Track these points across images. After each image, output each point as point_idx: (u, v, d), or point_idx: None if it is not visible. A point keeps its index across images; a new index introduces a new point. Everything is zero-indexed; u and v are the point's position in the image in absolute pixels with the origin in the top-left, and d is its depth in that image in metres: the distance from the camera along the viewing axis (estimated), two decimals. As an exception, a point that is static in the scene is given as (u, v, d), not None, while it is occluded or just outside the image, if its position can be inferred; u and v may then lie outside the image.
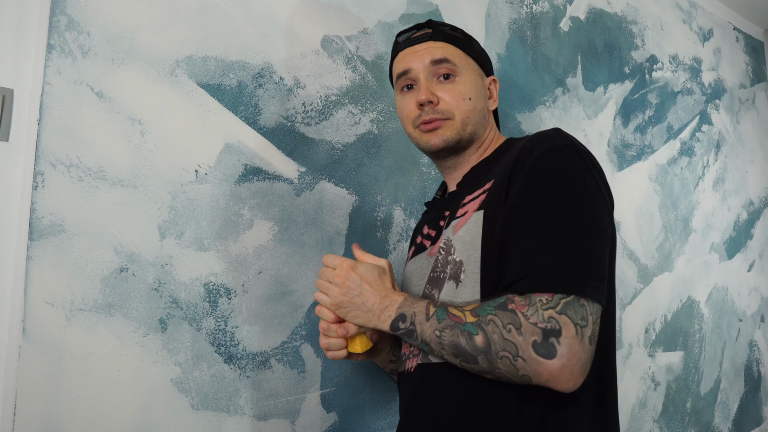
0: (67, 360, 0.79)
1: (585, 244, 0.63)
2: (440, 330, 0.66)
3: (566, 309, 0.59)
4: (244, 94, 1.00)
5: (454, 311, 0.67)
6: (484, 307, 0.64)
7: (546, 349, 0.58)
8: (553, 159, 0.68)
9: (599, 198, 0.68)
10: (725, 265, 2.19)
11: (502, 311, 0.61)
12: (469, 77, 0.84)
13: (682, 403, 1.88)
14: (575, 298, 0.59)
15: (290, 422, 0.99)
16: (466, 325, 0.64)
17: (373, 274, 0.76)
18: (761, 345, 2.35)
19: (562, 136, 0.71)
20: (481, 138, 0.87)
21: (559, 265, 0.61)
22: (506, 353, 0.60)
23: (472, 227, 0.72)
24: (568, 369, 0.58)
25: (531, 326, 0.59)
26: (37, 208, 0.79)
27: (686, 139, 2.10)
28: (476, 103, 0.84)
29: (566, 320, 0.58)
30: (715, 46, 2.35)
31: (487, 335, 0.62)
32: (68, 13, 0.84)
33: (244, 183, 0.98)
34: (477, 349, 0.62)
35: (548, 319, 0.58)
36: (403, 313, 0.72)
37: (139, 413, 0.84)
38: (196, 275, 0.91)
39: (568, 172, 0.67)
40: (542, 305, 0.59)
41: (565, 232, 0.63)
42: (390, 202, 1.18)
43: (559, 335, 0.58)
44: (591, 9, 1.76)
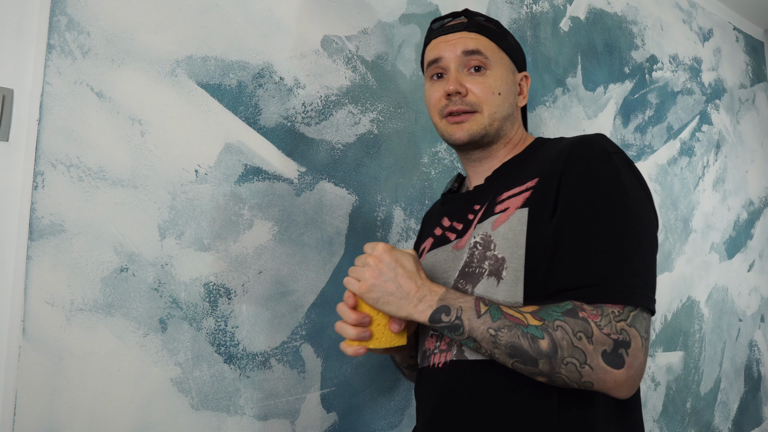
0: (67, 360, 0.79)
1: (645, 255, 0.65)
2: (496, 329, 0.64)
3: (635, 322, 0.61)
4: (244, 94, 1.00)
5: (511, 312, 0.65)
6: (548, 311, 0.63)
7: (615, 359, 0.60)
8: (608, 165, 0.68)
9: (649, 205, 0.69)
10: (725, 265, 2.19)
11: (573, 318, 0.62)
12: (500, 71, 0.82)
13: (682, 403, 1.88)
14: (641, 311, 0.62)
15: (290, 422, 0.99)
16: (529, 328, 0.63)
17: (410, 261, 0.73)
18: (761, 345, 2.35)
19: (611, 143, 0.71)
20: (508, 134, 0.85)
21: (627, 277, 0.62)
22: (573, 360, 0.61)
23: (516, 224, 0.71)
24: (632, 379, 0.61)
25: (604, 336, 0.60)
26: (37, 208, 0.79)
27: (686, 139, 2.10)
28: (505, 99, 0.82)
29: (635, 333, 0.61)
30: (715, 46, 2.35)
31: (554, 340, 0.61)
32: (68, 13, 0.84)
33: (244, 183, 0.98)
34: (541, 353, 0.62)
35: (620, 331, 0.60)
36: (447, 305, 0.68)
37: (139, 413, 0.84)
38: (196, 275, 0.91)
39: (625, 180, 0.68)
40: (615, 317, 0.61)
41: (628, 241, 0.64)
42: (390, 202, 1.18)
43: (629, 347, 0.60)
44: (591, 9, 1.76)
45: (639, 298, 0.62)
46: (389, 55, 1.22)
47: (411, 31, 1.27)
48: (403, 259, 0.72)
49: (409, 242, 1.21)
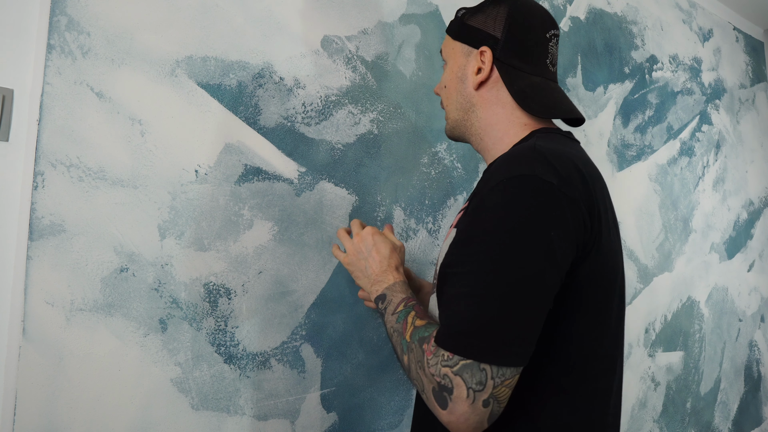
0: (67, 360, 0.79)
1: (504, 306, 0.59)
2: (393, 330, 0.72)
3: (462, 371, 0.58)
4: (244, 94, 1.00)
5: (408, 319, 0.71)
6: (417, 332, 0.67)
7: (440, 400, 0.60)
8: (497, 196, 0.62)
9: (540, 247, 0.60)
10: (725, 265, 2.19)
11: (419, 347, 0.65)
12: (450, 64, 0.83)
13: (682, 403, 1.88)
14: (474, 362, 0.57)
15: (290, 422, 0.99)
16: (403, 341, 0.69)
17: (386, 247, 0.85)
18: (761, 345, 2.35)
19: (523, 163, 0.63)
20: (476, 124, 0.80)
21: (467, 327, 0.59)
22: (417, 384, 0.65)
23: (448, 242, 0.72)
24: (455, 425, 0.59)
25: (430, 375, 0.61)
26: (37, 208, 0.79)
27: (686, 139, 2.10)
28: (452, 90, 0.83)
29: (459, 382, 0.58)
30: (715, 46, 2.35)
31: (409, 360, 0.66)
32: (68, 13, 0.84)
33: (244, 183, 0.98)
34: (403, 366, 0.69)
35: (443, 376, 0.59)
36: (384, 294, 0.79)
37: (139, 413, 0.84)
38: (196, 275, 0.91)
39: (508, 215, 0.61)
40: (442, 360, 0.59)
41: (481, 287, 0.60)
42: (390, 202, 1.18)
43: (451, 393, 0.58)
44: (591, 9, 1.76)
45: (473, 350, 0.58)
46: (389, 55, 1.22)
47: (411, 31, 1.27)
48: (380, 245, 0.85)
49: (410, 242, 1.21)
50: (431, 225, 1.25)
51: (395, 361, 1.15)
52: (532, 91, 0.77)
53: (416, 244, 1.21)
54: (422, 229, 1.23)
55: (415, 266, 1.21)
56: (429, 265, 1.23)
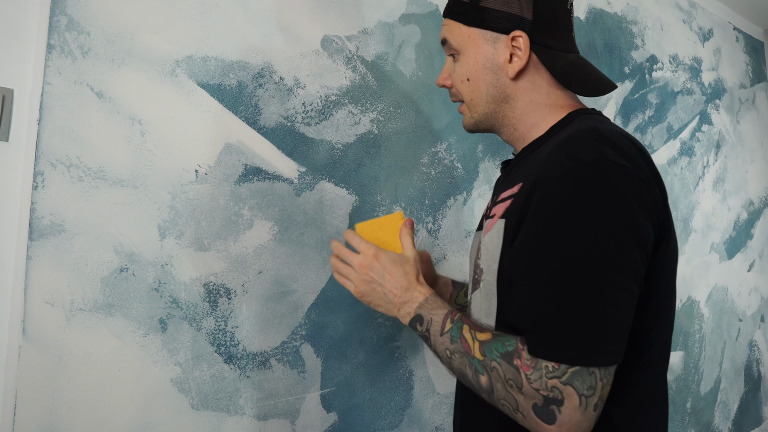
0: (67, 360, 0.79)
1: (601, 302, 0.55)
2: (451, 352, 0.65)
3: (573, 379, 0.55)
4: (244, 94, 1.00)
5: (467, 335, 0.65)
6: (492, 347, 0.61)
7: (545, 415, 0.55)
8: (569, 186, 0.57)
9: (626, 234, 0.56)
10: (725, 265, 2.19)
11: (507, 364, 0.59)
12: (468, 54, 0.74)
13: (682, 403, 1.88)
14: (583, 368, 0.55)
15: (290, 422, 0.99)
16: (474, 360, 0.62)
17: (396, 265, 0.75)
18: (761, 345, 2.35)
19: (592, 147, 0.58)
20: (510, 115, 0.74)
21: (571, 332, 0.55)
22: (507, 403, 0.59)
23: (495, 236, 0.66)
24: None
25: (533, 391, 0.56)
26: (37, 208, 0.79)
27: (686, 139, 2.10)
28: (478, 82, 0.73)
29: (571, 391, 0.55)
30: (715, 46, 2.35)
31: (491, 380, 0.60)
32: (68, 13, 0.84)
33: (244, 183, 0.98)
34: (481, 388, 0.62)
35: (551, 389, 0.55)
36: (421, 315, 0.71)
37: (139, 413, 0.84)
38: (196, 275, 0.91)
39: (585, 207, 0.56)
40: (547, 373, 0.55)
41: (578, 286, 0.55)
42: (390, 202, 1.18)
43: (561, 404, 0.55)
44: (591, 9, 1.76)
45: (579, 355, 0.55)
46: (389, 55, 1.22)
47: (411, 31, 1.27)
48: (390, 265, 0.75)
49: (409, 242, 1.21)
50: (431, 225, 1.25)
51: (395, 361, 1.15)
52: (573, 69, 0.72)
53: (416, 244, 1.21)
54: (422, 229, 1.23)
55: (415, 266, 1.21)
56: (429, 265, 1.23)
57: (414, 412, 1.17)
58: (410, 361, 1.18)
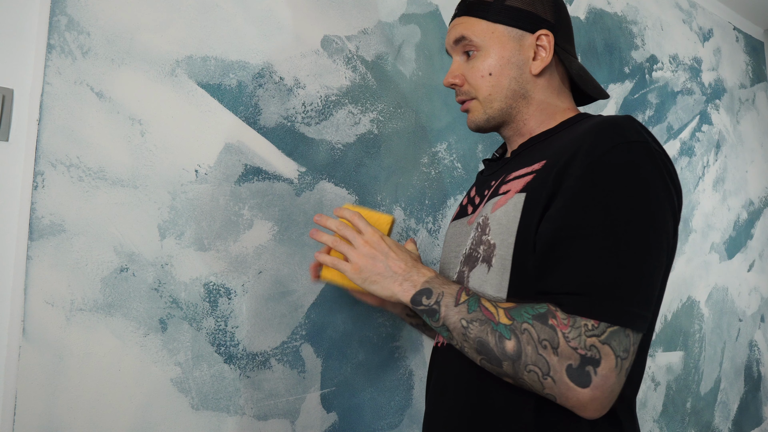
0: (67, 360, 0.79)
1: (643, 268, 0.58)
2: (468, 320, 0.62)
3: (611, 339, 0.55)
4: (244, 94, 1.00)
5: (487, 305, 0.63)
6: (520, 311, 0.60)
7: (580, 377, 0.55)
8: (621, 158, 0.60)
9: (666, 209, 0.61)
10: (725, 265, 2.19)
11: (541, 324, 0.58)
12: (491, 50, 0.76)
13: (682, 403, 1.88)
14: (622, 328, 0.56)
15: (290, 422, 0.99)
16: (499, 326, 0.60)
17: (401, 249, 0.73)
18: (761, 345, 2.35)
19: (635, 130, 0.62)
20: (524, 110, 0.78)
21: (612, 291, 0.56)
22: (536, 368, 0.57)
23: (511, 210, 0.67)
24: (599, 400, 0.55)
25: (570, 350, 0.55)
26: (37, 208, 0.79)
27: (686, 139, 2.10)
28: (500, 76, 0.76)
29: (608, 351, 0.55)
30: (715, 46, 2.35)
31: (520, 344, 0.58)
32: (68, 13, 0.84)
33: (244, 183, 0.98)
34: (505, 354, 0.59)
35: (590, 347, 0.55)
36: (429, 288, 0.67)
37: (139, 413, 0.84)
38: (196, 275, 0.91)
39: (637, 177, 0.60)
40: (586, 331, 0.55)
41: (623, 250, 0.57)
42: (390, 202, 1.18)
43: (597, 365, 0.54)
44: (591, 9, 1.76)
45: (619, 314, 0.56)
46: (389, 55, 1.22)
47: (411, 31, 1.27)
48: (394, 246, 0.73)
49: (409, 242, 1.21)
50: (431, 225, 1.25)
51: (395, 361, 1.15)
52: (584, 73, 0.79)
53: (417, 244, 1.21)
54: (422, 229, 1.23)
55: (415, 266, 1.21)
56: (429, 264, 1.23)
57: (414, 412, 1.17)
58: (410, 361, 1.18)
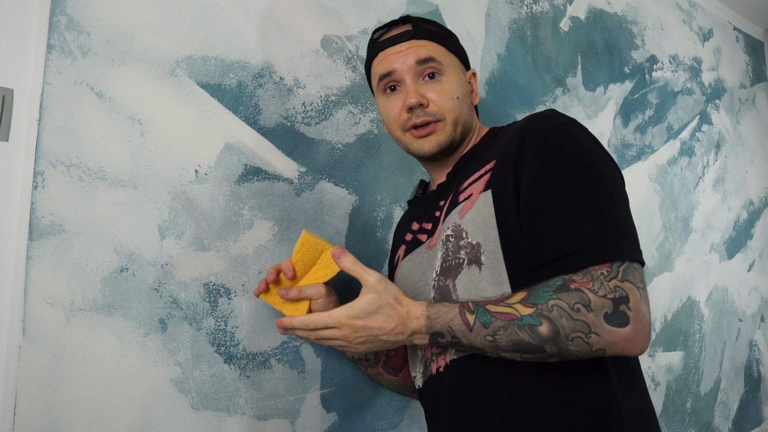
0: (67, 360, 0.79)
1: (619, 212, 0.65)
2: (492, 335, 0.63)
3: (626, 275, 0.60)
4: (244, 94, 1.00)
5: (498, 309, 0.64)
6: (538, 294, 0.62)
7: (618, 318, 0.59)
8: (564, 135, 0.68)
9: (615, 168, 0.70)
10: (725, 265, 2.19)
11: (566, 293, 0.61)
12: (454, 75, 0.83)
13: (682, 403, 1.88)
14: (629, 263, 0.61)
15: (290, 422, 0.99)
16: (524, 319, 0.62)
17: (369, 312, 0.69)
18: (761, 345, 2.35)
19: (562, 115, 0.72)
20: (468, 135, 0.87)
21: (606, 236, 0.62)
22: (578, 333, 0.60)
23: (482, 208, 0.71)
24: (641, 332, 0.59)
25: (601, 300, 0.59)
26: (37, 208, 0.79)
27: (686, 139, 2.10)
28: (463, 101, 0.84)
29: (630, 286, 0.60)
30: (715, 46, 2.35)
31: (553, 322, 0.60)
32: (68, 13, 0.84)
33: (244, 183, 0.98)
34: (543, 339, 0.61)
35: (615, 289, 0.59)
36: (436, 331, 0.68)
37: (139, 413, 0.84)
38: (196, 275, 0.91)
39: (584, 145, 0.68)
40: (605, 277, 0.60)
41: (599, 202, 0.64)
42: (390, 202, 1.18)
43: (628, 301, 0.59)
44: (591, 9, 1.76)
45: (624, 252, 0.61)
46: (389, 55, 1.22)
47: (411, 31, 1.26)
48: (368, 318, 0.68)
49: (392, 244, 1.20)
50: (431, 225, 1.25)
51: (395, 361, 1.15)
52: None
53: (416, 244, 1.21)
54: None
55: (415, 266, 1.21)
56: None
57: (414, 412, 1.17)
58: (410, 361, 1.18)
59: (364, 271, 0.71)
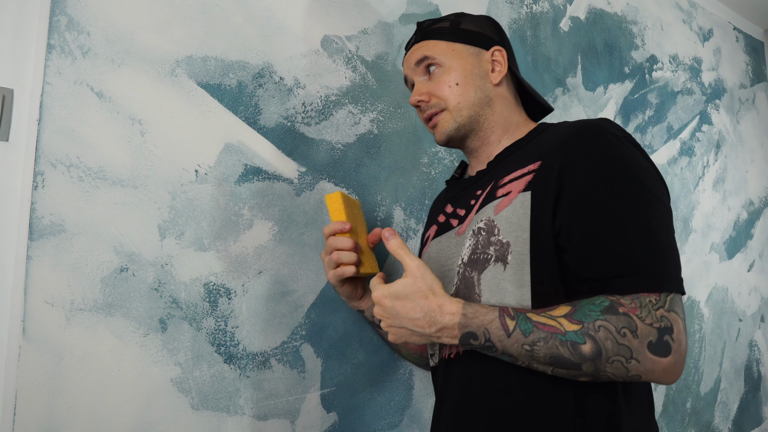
0: (67, 360, 0.79)
1: (669, 239, 0.65)
2: (531, 344, 0.62)
3: (673, 306, 0.61)
4: (244, 94, 1.00)
5: (543, 320, 0.63)
6: (585, 312, 0.62)
7: (662, 348, 0.59)
8: (618, 150, 0.67)
9: (665, 189, 0.69)
10: (725, 265, 2.19)
11: (614, 316, 0.60)
12: (453, 63, 0.84)
13: (682, 403, 1.88)
14: (675, 294, 0.62)
15: (290, 422, 0.99)
16: (568, 335, 0.61)
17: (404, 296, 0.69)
18: (761, 345, 2.35)
19: (618, 127, 0.70)
20: (490, 118, 0.84)
21: (657, 264, 0.62)
22: (619, 357, 0.60)
23: (519, 208, 0.71)
24: (679, 363, 0.60)
25: (647, 328, 0.59)
26: (37, 208, 0.79)
27: (686, 139, 2.10)
28: (466, 86, 0.83)
29: (675, 317, 0.60)
30: (715, 46, 2.35)
31: (597, 342, 0.60)
32: (68, 13, 0.84)
33: (244, 183, 0.98)
34: (584, 357, 0.60)
35: (661, 318, 0.60)
36: (470, 331, 0.66)
37: (139, 413, 0.84)
38: (196, 275, 0.91)
39: (637, 163, 0.67)
40: (653, 305, 0.60)
41: (652, 228, 0.64)
42: (390, 202, 1.18)
43: (672, 332, 0.59)
44: (591, 9, 1.76)
45: (672, 282, 0.62)
46: (389, 55, 1.22)
47: (411, 31, 1.27)
48: (398, 303, 0.69)
49: (409, 243, 1.21)
50: (431, 225, 1.25)
51: (395, 361, 1.15)
52: (532, 89, 0.89)
53: (416, 244, 1.21)
54: (422, 229, 1.23)
55: (415, 266, 1.21)
56: (429, 265, 1.23)
57: (414, 412, 1.17)
58: (410, 361, 1.18)
59: (407, 255, 0.71)
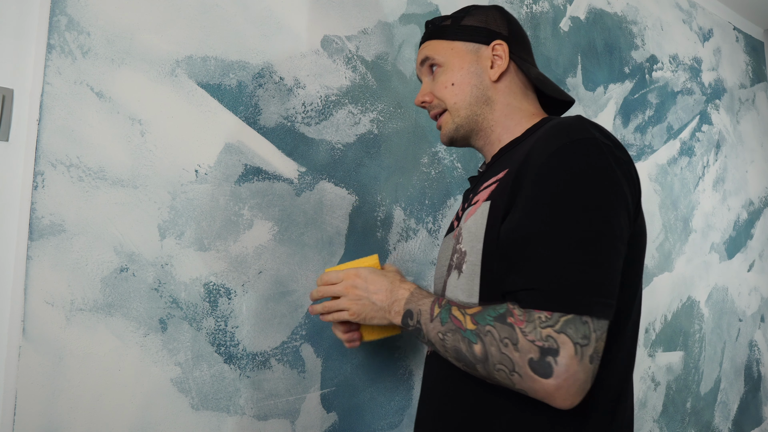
0: (67, 360, 0.79)
1: (596, 257, 0.59)
2: (443, 333, 0.66)
3: (566, 327, 0.56)
4: (244, 94, 1.00)
5: (456, 314, 0.66)
6: (483, 315, 0.63)
7: (542, 368, 0.56)
8: (566, 157, 0.62)
9: (616, 199, 0.62)
10: (725, 265, 2.19)
11: (501, 324, 0.60)
12: (451, 63, 0.82)
13: (682, 403, 1.88)
14: (576, 316, 0.56)
15: (290, 422, 0.99)
16: (467, 332, 0.63)
17: (376, 274, 0.79)
18: (761, 345, 2.35)
19: (581, 128, 0.64)
20: (489, 117, 0.82)
21: (565, 282, 0.58)
22: (503, 367, 0.59)
23: (479, 218, 0.70)
24: (564, 389, 0.56)
25: (528, 343, 0.57)
26: (37, 208, 0.79)
27: (686, 139, 2.10)
28: (462, 85, 0.81)
29: (565, 339, 0.56)
30: (715, 46, 2.35)
31: (485, 346, 0.61)
32: (68, 13, 0.84)
33: (244, 183, 0.98)
34: (476, 358, 0.62)
35: (546, 338, 0.56)
36: (410, 309, 0.73)
37: (139, 413, 0.84)
38: (196, 275, 0.91)
39: (582, 172, 0.61)
40: (540, 323, 0.57)
41: (575, 243, 0.59)
42: (390, 202, 1.18)
43: (557, 354, 0.55)
44: (591, 9, 1.76)
45: (571, 303, 0.57)
46: (389, 55, 1.22)
47: (411, 31, 1.27)
48: (370, 276, 0.79)
49: (410, 242, 1.21)
50: (431, 225, 1.25)
51: (395, 361, 1.15)
52: (544, 78, 0.84)
53: (416, 244, 1.21)
54: (422, 229, 1.23)
55: (415, 266, 1.21)
56: (429, 264, 1.23)
57: (414, 412, 1.17)
58: (410, 361, 1.18)
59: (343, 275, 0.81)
